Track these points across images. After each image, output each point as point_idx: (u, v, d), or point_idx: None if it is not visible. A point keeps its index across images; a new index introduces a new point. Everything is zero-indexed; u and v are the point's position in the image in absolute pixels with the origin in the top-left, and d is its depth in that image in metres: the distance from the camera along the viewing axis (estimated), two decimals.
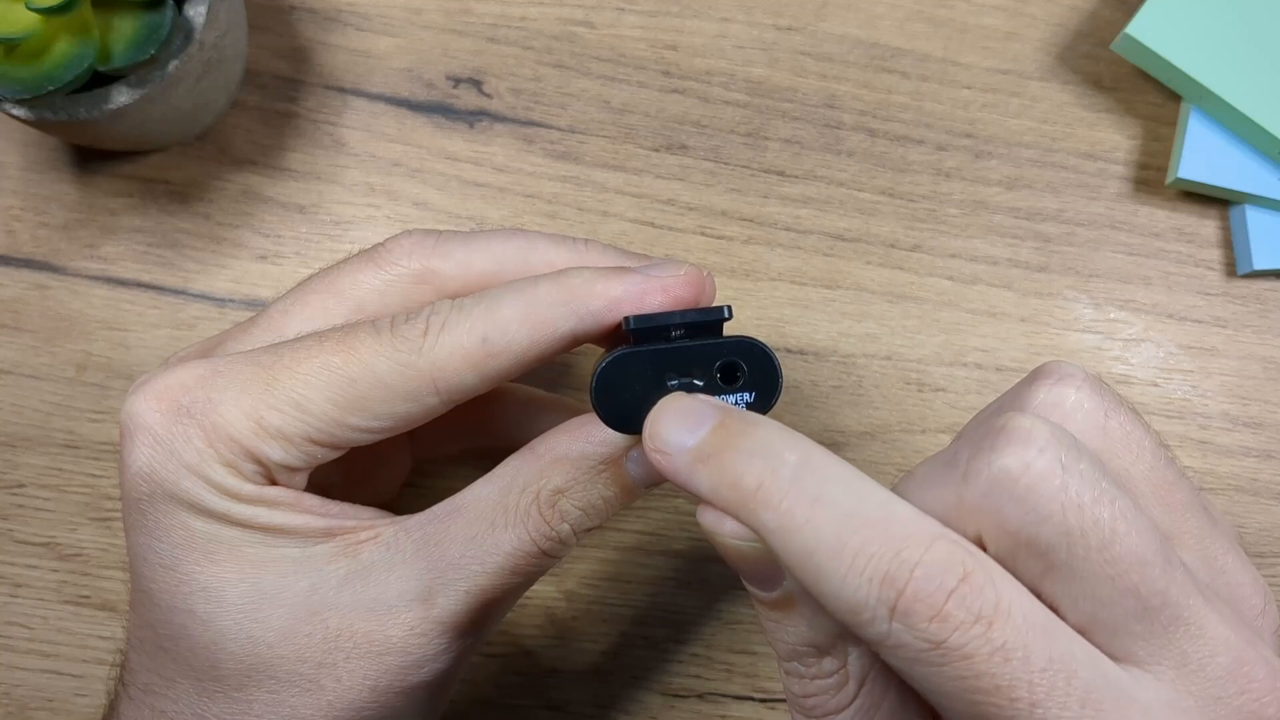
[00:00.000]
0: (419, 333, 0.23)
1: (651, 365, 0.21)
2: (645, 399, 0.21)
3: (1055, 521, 0.18)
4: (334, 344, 0.23)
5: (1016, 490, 0.18)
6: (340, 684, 0.22)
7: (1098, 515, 0.18)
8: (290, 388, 0.22)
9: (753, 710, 0.35)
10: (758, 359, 0.21)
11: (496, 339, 0.23)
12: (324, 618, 0.22)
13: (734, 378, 0.21)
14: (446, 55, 0.38)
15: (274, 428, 0.22)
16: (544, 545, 0.23)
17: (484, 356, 0.23)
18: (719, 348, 0.21)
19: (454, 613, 0.23)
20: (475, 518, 0.23)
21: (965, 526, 0.18)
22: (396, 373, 0.23)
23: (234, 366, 0.23)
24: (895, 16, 0.40)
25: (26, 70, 0.30)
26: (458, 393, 0.23)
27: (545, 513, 0.23)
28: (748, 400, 0.21)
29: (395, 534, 0.23)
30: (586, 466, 0.23)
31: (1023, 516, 0.18)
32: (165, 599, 0.23)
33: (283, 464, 0.23)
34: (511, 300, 0.23)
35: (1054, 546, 0.18)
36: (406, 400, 0.23)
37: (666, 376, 0.21)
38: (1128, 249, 0.39)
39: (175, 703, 0.23)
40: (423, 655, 0.23)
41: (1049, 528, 0.18)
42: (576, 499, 0.23)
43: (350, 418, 0.23)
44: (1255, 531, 0.37)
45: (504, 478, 0.24)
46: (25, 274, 0.36)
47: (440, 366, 0.23)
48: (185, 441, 0.22)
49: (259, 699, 0.22)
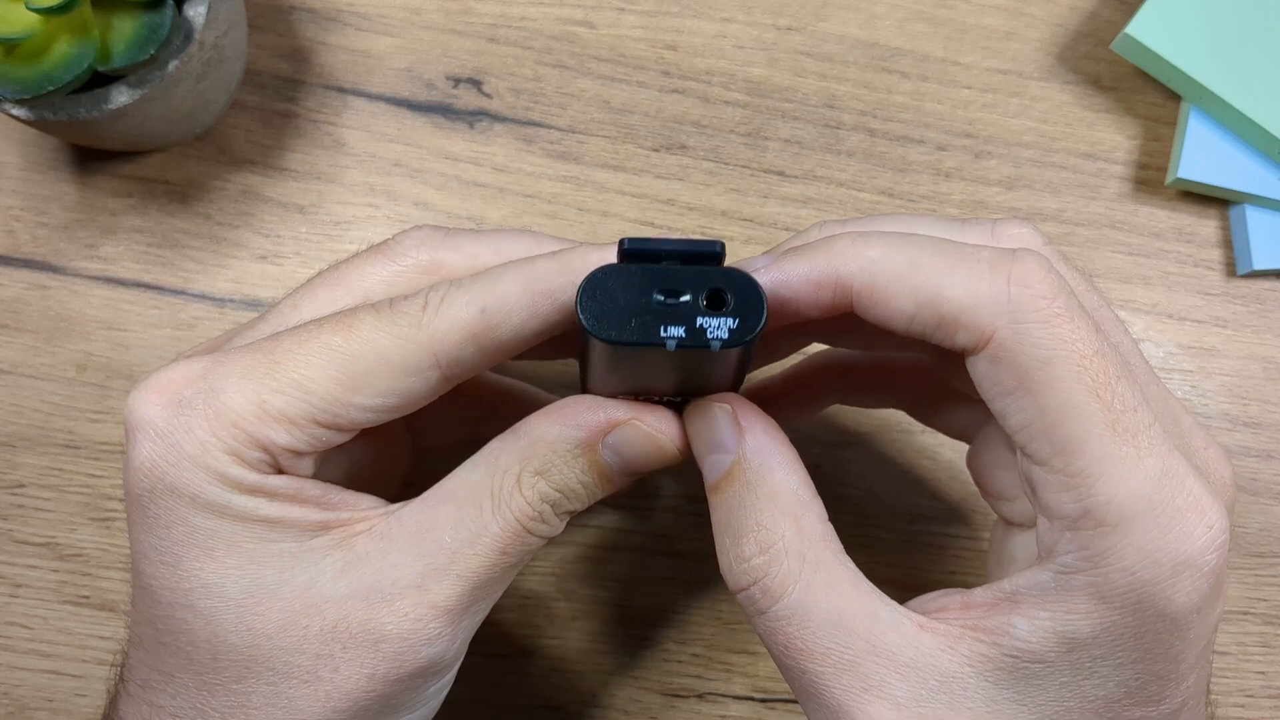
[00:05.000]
0: (418, 307, 0.23)
1: (640, 281, 0.21)
2: (629, 311, 0.21)
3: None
4: (333, 325, 0.23)
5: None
6: (337, 674, 0.22)
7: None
8: (292, 369, 0.23)
9: (753, 710, 0.35)
10: (745, 290, 0.21)
11: (495, 310, 0.23)
12: (321, 610, 0.23)
13: (720, 304, 0.21)
14: (446, 55, 0.38)
15: (277, 410, 0.22)
16: (528, 525, 0.23)
17: (484, 328, 0.23)
18: (709, 274, 0.21)
19: (448, 597, 0.23)
20: (463, 501, 0.23)
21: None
22: (397, 347, 0.23)
23: (235, 356, 0.23)
24: (895, 16, 0.40)
25: (26, 70, 0.30)
26: (459, 366, 0.23)
27: (526, 494, 0.23)
28: (730, 326, 0.21)
29: (389, 524, 0.23)
30: (563, 449, 0.24)
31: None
32: (166, 595, 0.23)
33: (288, 448, 0.23)
34: (511, 274, 0.23)
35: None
36: (408, 374, 0.23)
37: (653, 294, 0.21)
38: (1128, 249, 0.39)
39: (174, 698, 0.23)
40: (418, 641, 0.23)
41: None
42: (554, 481, 0.24)
43: (353, 396, 0.23)
44: (1255, 531, 0.37)
45: (488, 460, 0.24)
46: (25, 274, 0.36)
47: (440, 339, 0.23)
48: (187, 433, 0.22)
49: (257, 690, 0.23)
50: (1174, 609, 0.21)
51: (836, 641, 0.22)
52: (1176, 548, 0.21)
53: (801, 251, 0.23)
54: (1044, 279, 0.21)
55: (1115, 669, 0.21)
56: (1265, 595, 0.37)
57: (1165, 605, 0.21)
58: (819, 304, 0.23)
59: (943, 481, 0.37)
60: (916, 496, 0.37)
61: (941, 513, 0.37)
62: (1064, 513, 0.21)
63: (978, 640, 0.22)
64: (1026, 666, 0.21)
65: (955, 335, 0.22)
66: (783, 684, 0.35)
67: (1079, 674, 0.21)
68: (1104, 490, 0.21)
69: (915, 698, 0.21)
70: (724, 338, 0.21)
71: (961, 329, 0.22)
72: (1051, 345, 0.21)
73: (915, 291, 0.22)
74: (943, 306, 0.22)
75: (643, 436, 0.24)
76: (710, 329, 0.21)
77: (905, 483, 0.37)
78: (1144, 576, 0.21)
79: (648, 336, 0.21)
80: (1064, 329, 0.21)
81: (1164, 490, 0.21)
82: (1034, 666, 0.21)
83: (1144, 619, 0.21)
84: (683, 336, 0.20)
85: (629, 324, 0.21)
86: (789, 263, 0.23)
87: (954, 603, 0.23)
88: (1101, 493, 0.21)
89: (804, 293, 0.23)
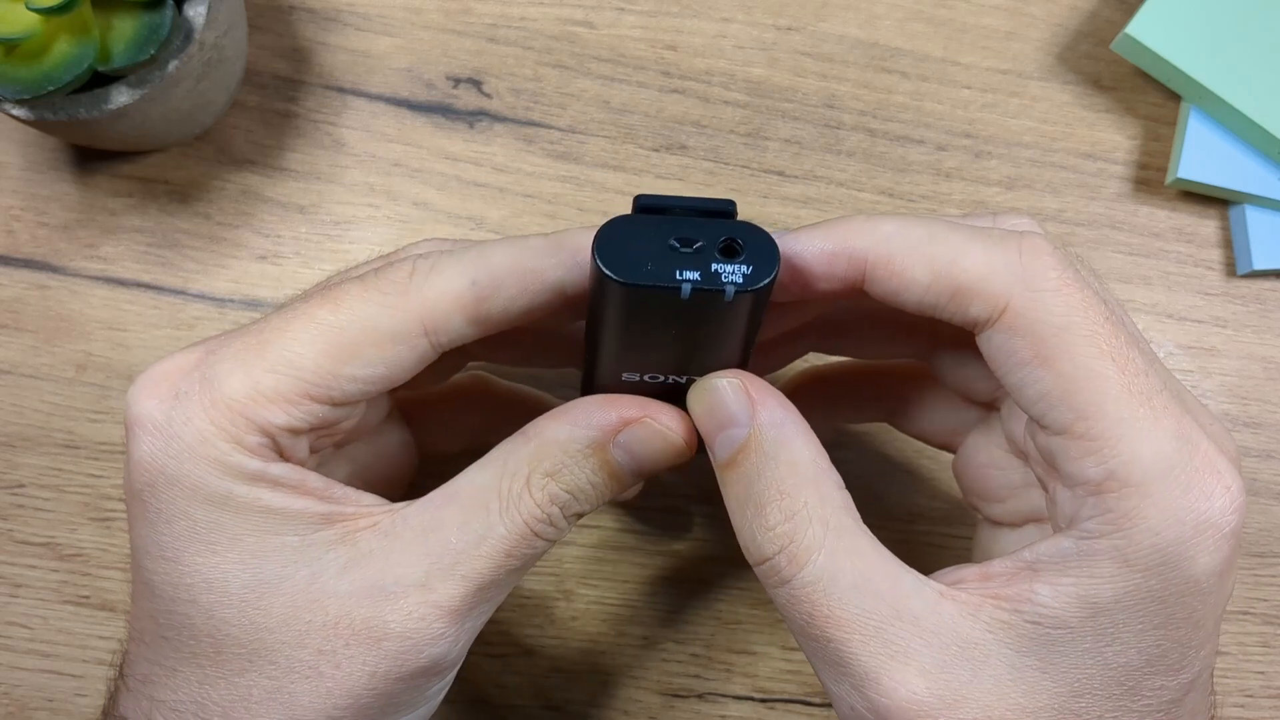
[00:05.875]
0: (405, 274, 0.23)
1: (655, 229, 0.21)
2: (645, 256, 0.21)
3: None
4: (319, 299, 0.23)
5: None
6: (339, 670, 0.22)
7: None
8: (282, 347, 0.23)
9: (753, 710, 0.35)
10: (758, 241, 0.21)
11: (485, 282, 0.23)
12: (324, 605, 0.22)
13: (734, 253, 0.21)
14: (446, 55, 0.38)
15: (271, 390, 0.22)
16: (536, 528, 0.23)
17: (472, 299, 0.23)
18: (723, 225, 0.22)
19: (452, 597, 0.23)
20: (470, 503, 0.23)
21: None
22: (385, 314, 0.23)
23: (226, 342, 0.24)
24: (895, 16, 0.40)
25: (26, 70, 0.30)
26: (446, 335, 0.23)
27: (536, 495, 0.23)
28: (745, 273, 0.21)
29: (393, 522, 0.23)
30: (574, 450, 0.24)
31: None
32: (168, 590, 0.23)
33: (285, 427, 0.23)
34: (503, 248, 0.24)
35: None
36: (396, 341, 0.23)
37: (668, 240, 0.21)
38: (1128, 249, 0.39)
39: (175, 692, 0.23)
40: (421, 641, 0.23)
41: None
42: (565, 482, 0.23)
43: (344, 367, 0.23)
44: (1255, 531, 0.37)
45: (497, 462, 0.24)
46: (25, 274, 0.36)
47: (429, 306, 0.23)
48: (185, 423, 0.22)
49: (259, 685, 0.22)
50: (1197, 571, 0.21)
51: (862, 607, 0.22)
52: (1198, 508, 0.21)
53: (816, 226, 0.24)
54: (1052, 252, 0.22)
55: (1137, 635, 0.21)
56: (1265, 595, 0.37)
57: (1189, 567, 0.21)
58: (832, 275, 0.24)
59: (943, 481, 0.37)
60: (916, 496, 0.37)
61: (941, 513, 0.37)
62: (1087, 477, 0.21)
63: (999, 608, 0.22)
64: (1049, 633, 0.21)
65: (970, 306, 0.23)
66: (783, 684, 0.35)
67: (1101, 640, 0.21)
68: (1126, 451, 0.21)
69: (940, 664, 0.21)
70: (738, 282, 0.21)
71: (977, 299, 0.22)
72: (1065, 312, 0.22)
73: (932, 261, 0.23)
74: (959, 276, 0.22)
75: (654, 434, 0.24)
76: (725, 274, 0.21)
77: (905, 483, 0.37)
78: (1168, 537, 0.21)
79: (664, 279, 0.21)
80: (1075, 297, 0.22)
81: (1182, 451, 0.21)
82: (1057, 633, 0.21)
83: (1168, 581, 0.21)
84: (698, 280, 0.21)
85: (645, 267, 0.21)
86: (804, 234, 0.24)
87: (971, 575, 0.23)
88: (1124, 453, 0.21)
89: (818, 263, 0.24)
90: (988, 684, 0.21)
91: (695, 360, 0.24)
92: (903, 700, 0.21)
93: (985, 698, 0.21)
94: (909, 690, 0.21)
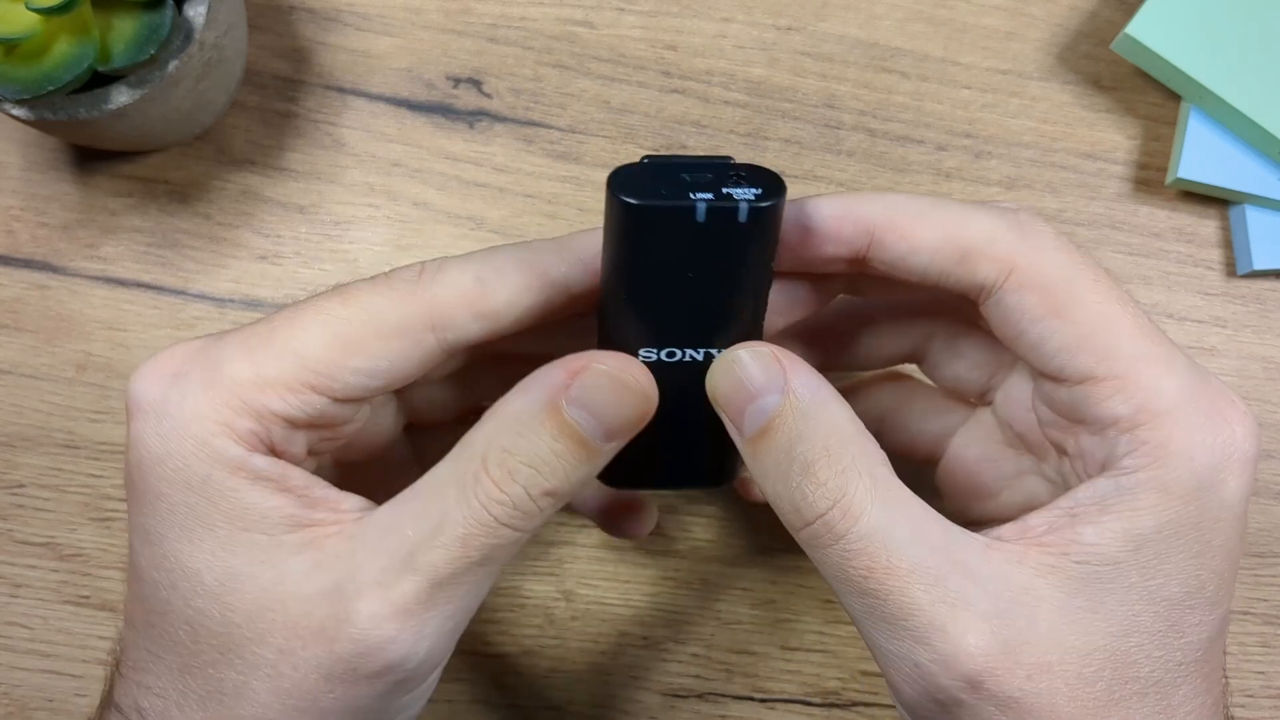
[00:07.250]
0: (414, 273, 0.24)
1: (666, 169, 0.23)
2: (659, 185, 0.22)
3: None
4: (331, 294, 0.24)
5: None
6: (296, 671, 0.22)
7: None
8: (289, 337, 0.23)
9: (752, 710, 0.35)
10: (764, 173, 0.23)
11: (491, 279, 0.23)
12: (287, 605, 0.22)
13: (742, 181, 0.23)
14: (446, 55, 0.38)
15: (273, 375, 0.22)
16: (496, 511, 0.22)
17: (479, 295, 0.23)
18: (729, 165, 0.23)
19: (404, 594, 0.22)
20: (429, 493, 0.23)
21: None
22: (394, 308, 0.23)
23: (233, 333, 0.24)
24: (895, 16, 0.40)
25: (26, 70, 0.30)
26: (453, 333, 0.23)
27: (494, 474, 0.22)
28: (756, 193, 0.22)
29: (360, 526, 0.23)
30: (526, 418, 0.22)
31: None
32: (151, 574, 0.23)
33: (283, 415, 0.23)
34: (509, 247, 0.24)
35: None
36: (402, 335, 0.23)
37: (680, 175, 0.22)
38: (1128, 249, 0.39)
39: (159, 678, 0.23)
40: (373, 642, 0.22)
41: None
42: (523, 455, 0.22)
43: (349, 359, 0.23)
44: (1255, 532, 0.37)
45: (456, 449, 0.23)
46: (25, 274, 0.36)
47: (437, 303, 0.23)
48: (180, 401, 0.22)
49: (229, 679, 0.22)
50: (1228, 495, 0.22)
51: (920, 559, 0.22)
52: (1223, 433, 0.22)
53: (824, 194, 0.25)
54: (1046, 221, 0.24)
55: (1179, 565, 0.22)
56: (1265, 595, 0.37)
57: (1221, 490, 0.22)
58: (839, 238, 0.24)
59: None
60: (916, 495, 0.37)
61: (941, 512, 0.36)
62: (1118, 415, 0.22)
63: (1044, 554, 0.22)
64: (1096, 570, 0.22)
65: (978, 269, 0.23)
66: (783, 684, 0.35)
67: (1146, 572, 0.22)
68: (1150, 384, 0.22)
69: (998, 611, 0.22)
70: (750, 199, 0.22)
71: (985, 260, 0.23)
72: (1069, 266, 0.23)
73: (941, 224, 0.24)
74: (966, 239, 0.23)
75: (604, 378, 0.23)
76: (737, 194, 0.22)
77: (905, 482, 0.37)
78: (1202, 462, 0.22)
79: (678, 198, 0.22)
80: (1075, 254, 0.24)
81: (1198, 381, 0.23)
82: (1104, 569, 0.22)
83: (1203, 506, 0.22)
84: (711, 199, 0.22)
85: (659, 191, 0.22)
86: (812, 199, 0.25)
87: (1009, 531, 0.23)
88: (1150, 386, 0.22)
89: (825, 225, 0.24)
90: (1043, 628, 0.22)
91: (713, 318, 0.24)
92: (971, 647, 0.21)
93: (1043, 641, 0.21)
94: (976, 638, 0.21)
